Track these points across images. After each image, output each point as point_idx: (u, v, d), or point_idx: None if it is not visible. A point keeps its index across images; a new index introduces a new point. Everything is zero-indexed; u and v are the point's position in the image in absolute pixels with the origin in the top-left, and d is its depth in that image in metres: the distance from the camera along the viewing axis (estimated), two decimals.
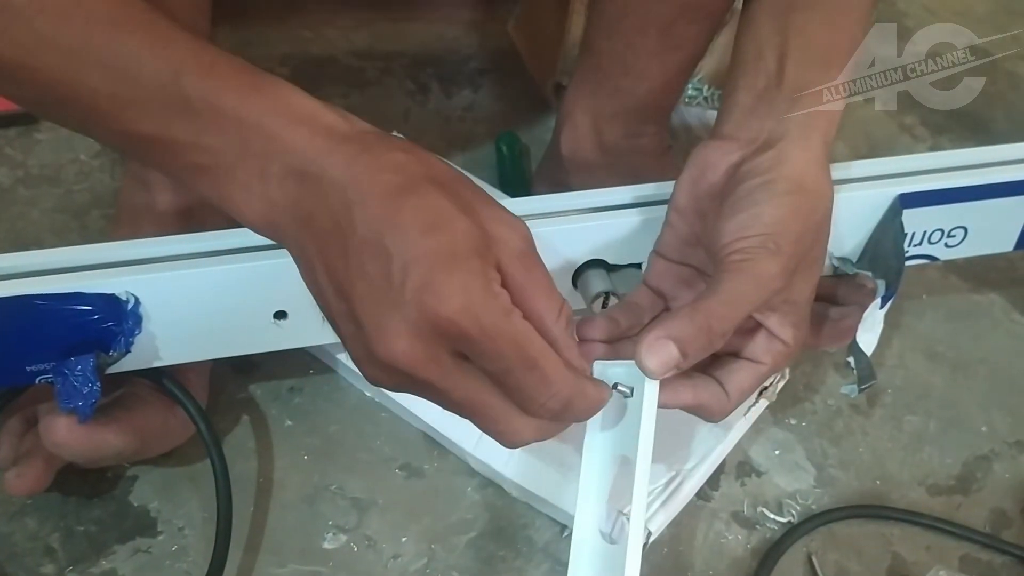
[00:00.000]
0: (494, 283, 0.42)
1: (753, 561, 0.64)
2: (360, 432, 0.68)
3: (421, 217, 0.41)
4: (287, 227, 0.43)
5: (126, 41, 0.42)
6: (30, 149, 0.86)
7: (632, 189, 0.62)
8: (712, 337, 0.48)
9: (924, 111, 1.01)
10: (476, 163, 0.88)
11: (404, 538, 0.63)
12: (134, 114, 0.42)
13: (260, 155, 0.42)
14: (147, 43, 0.42)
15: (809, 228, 0.51)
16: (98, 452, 0.56)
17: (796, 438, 0.72)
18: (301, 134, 0.42)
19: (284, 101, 0.43)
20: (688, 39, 0.67)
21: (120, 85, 0.42)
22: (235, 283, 0.55)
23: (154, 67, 0.42)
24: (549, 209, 0.60)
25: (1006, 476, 0.71)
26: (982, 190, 0.63)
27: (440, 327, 0.40)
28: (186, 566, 0.61)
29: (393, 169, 0.42)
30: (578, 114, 0.74)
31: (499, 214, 0.44)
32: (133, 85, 0.42)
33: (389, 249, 0.40)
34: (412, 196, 0.41)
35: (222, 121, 0.42)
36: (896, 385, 0.76)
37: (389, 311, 0.40)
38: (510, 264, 0.43)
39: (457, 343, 0.41)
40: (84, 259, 0.54)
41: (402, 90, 0.97)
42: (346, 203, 0.41)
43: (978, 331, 0.81)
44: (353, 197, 0.41)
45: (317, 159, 0.42)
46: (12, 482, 0.57)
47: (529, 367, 0.42)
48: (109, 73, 0.41)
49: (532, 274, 0.43)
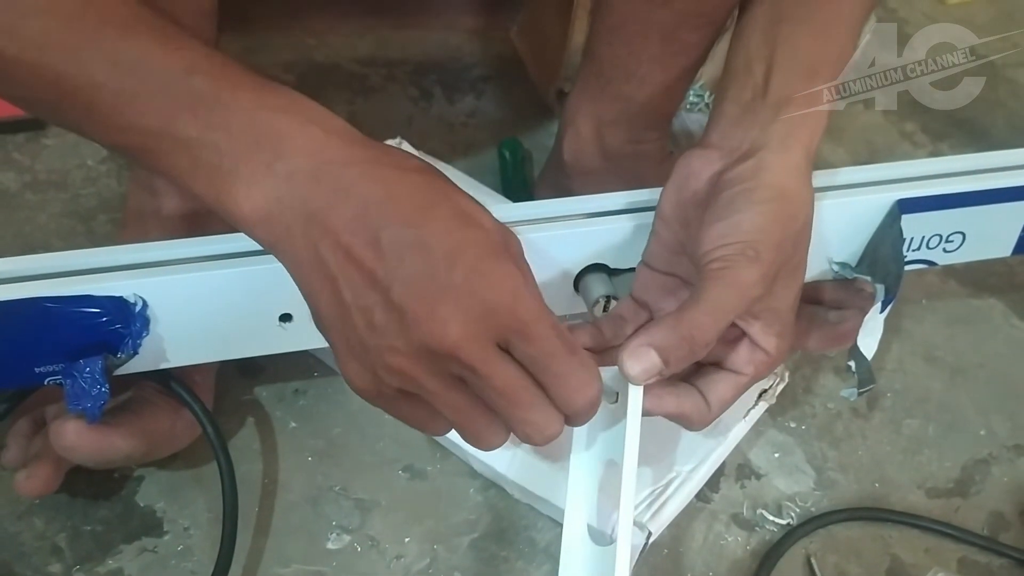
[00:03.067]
0: (528, 274, 0.44)
1: (753, 563, 0.65)
2: (364, 434, 0.69)
3: (454, 213, 0.43)
4: (293, 224, 0.43)
5: (136, 41, 0.42)
6: (37, 154, 0.87)
7: (633, 194, 0.62)
8: (694, 346, 0.49)
9: (924, 118, 1.02)
10: (479, 169, 0.88)
11: (407, 539, 0.64)
12: (139, 109, 0.42)
13: (269, 151, 0.42)
14: (158, 43, 0.43)
15: (789, 235, 0.51)
16: (107, 455, 0.57)
17: (796, 441, 0.72)
18: (315, 134, 0.43)
19: (296, 102, 0.44)
20: (690, 45, 0.67)
21: (127, 80, 0.42)
22: (241, 286, 0.55)
23: (164, 64, 0.42)
24: (551, 214, 0.61)
25: (1004, 479, 0.72)
26: (980, 196, 0.64)
27: (493, 311, 0.42)
28: (191, 565, 0.61)
29: (417, 170, 0.44)
30: (580, 120, 0.74)
31: (499, 222, 0.46)
32: (140, 80, 0.42)
33: (428, 241, 0.42)
34: (441, 195, 0.43)
35: (232, 117, 0.42)
36: (895, 389, 0.76)
37: (439, 297, 0.41)
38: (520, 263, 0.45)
39: (505, 329, 0.43)
40: (93, 262, 0.55)
41: (405, 96, 0.98)
42: (372, 201, 0.42)
43: (977, 336, 0.82)
44: (380, 194, 0.42)
45: (335, 158, 0.43)
46: (22, 484, 0.58)
47: (572, 351, 0.44)
48: (117, 69, 0.42)
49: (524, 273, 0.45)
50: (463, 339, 0.42)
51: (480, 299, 0.42)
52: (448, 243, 0.42)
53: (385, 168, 0.43)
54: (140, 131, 0.43)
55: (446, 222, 0.42)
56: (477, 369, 0.43)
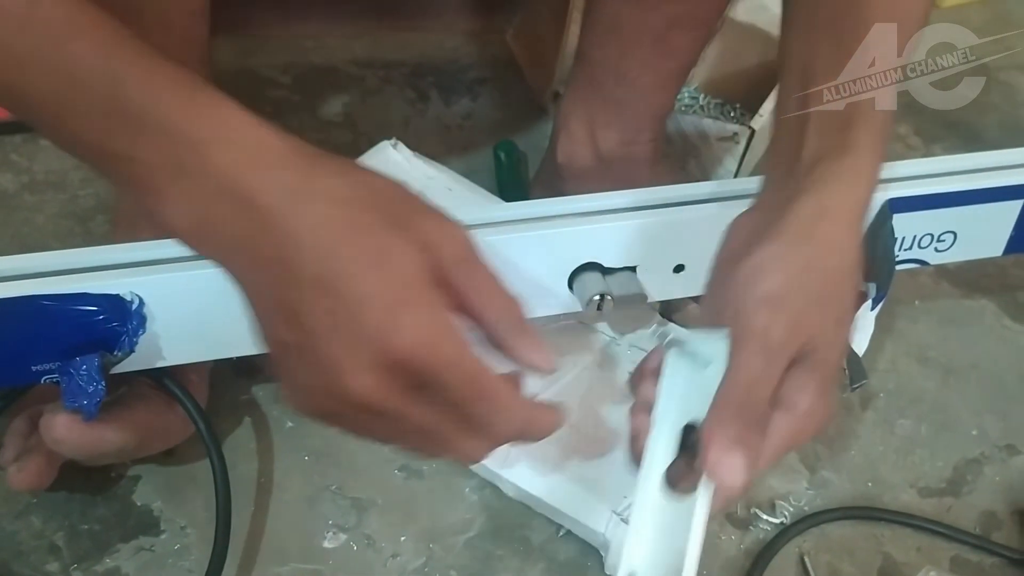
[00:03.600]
0: (446, 313, 0.42)
1: (746, 561, 0.65)
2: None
3: (364, 255, 0.41)
4: (221, 247, 0.42)
5: (73, 48, 0.41)
6: (35, 155, 0.87)
7: (627, 194, 0.63)
8: (751, 415, 0.46)
9: (917, 120, 1.02)
10: (475, 171, 0.88)
11: (403, 537, 0.64)
12: (79, 123, 0.41)
13: (192, 174, 0.41)
14: (92, 49, 0.41)
15: (816, 280, 0.47)
16: (97, 448, 0.57)
17: None
18: (239, 157, 0.41)
19: (220, 118, 0.42)
20: (681, 48, 0.67)
21: (67, 92, 0.41)
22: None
23: (97, 75, 0.41)
24: (546, 213, 0.61)
25: (996, 479, 0.72)
26: (970, 195, 0.64)
27: (401, 361, 0.40)
28: (188, 564, 0.62)
29: (328, 200, 0.41)
30: (573, 123, 0.75)
31: (438, 223, 0.44)
32: (78, 93, 0.41)
33: (339, 289, 0.40)
34: (351, 232, 0.41)
35: (155, 135, 0.41)
36: (888, 389, 0.77)
37: (350, 347, 0.40)
38: (452, 271, 0.43)
39: (417, 376, 0.41)
40: (90, 261, 0.55)
41: (402, 98, 0.98)
42: (287, 236, 0.40)
43: (970, 336, 0.82)
44: (292, 230, 0.40)
45: (258, 185, 0.41)
46: (13, 476, 0.58)
47: (483, 398, 0.43)
48: (56, 79, 0.41)
49: (475, 278, 0.44)
50: (373, 390, 0.41)
51: (389, 351, 0.40)
52: (359, 291, 0.40)
53: (306, 203, 0.41)
54: (84, 146, 0.42)
55: (360, 264, 0.41)
56: (389, 414, 0.42)
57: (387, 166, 0.76)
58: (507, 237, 0.60)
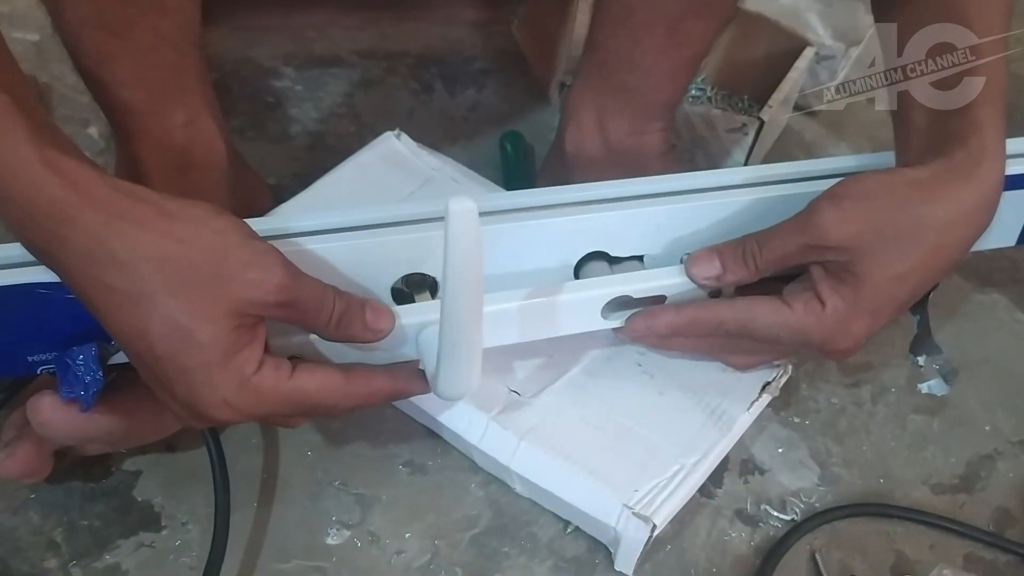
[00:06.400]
0: (252, 363, 0.48)
1: (756, 559, 0.64)
2: (364, 429, 0.68)
3: (162, 340, 0.45)
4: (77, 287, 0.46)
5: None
6: None
7: (634, 182, 0.62)
8: (749, 260, 0.55)
9: None
10: (480, 162, 0.88)
11: (408, 534, 0.63)
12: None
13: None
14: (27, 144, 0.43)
15: (901, 213, 0.52)
16: (84, 432, 0.56)
17: (800, 436, 0.71)
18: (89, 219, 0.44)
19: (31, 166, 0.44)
20: (695, 36, 0.67)
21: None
22: None
23: (22, 171, 0.43)
24: (551, 202, 0.61)
25: (1010, 475, 0.71)
26: None
27: (241, 406, 0.48)
28: (189, 560, 0.61)
29: (119, 274, 0.44)
30: (582, 111, 0.74)
31: (251, 258, 0.46)
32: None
33: (148, 363, 0.47)
34: (145, 315, 0.45)
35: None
36: (900, 384, 0.76)
37: (198, 393, 0.47)
38: (268, 309, 0.47)
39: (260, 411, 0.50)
40: None
41: (406, 89, 0.98)
42: (93, 305, 0.46)
43: (982, 331, 0.81)
44: (99, 307, 0.46)
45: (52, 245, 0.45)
46: (1, 463, 0.56)
47: (311, 410, 0.52)
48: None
49: (294, 306, 0.48)
50: (233, 416, 0.48)
51: (199, 411, 0.48)
52: (169, 370, 0.46)
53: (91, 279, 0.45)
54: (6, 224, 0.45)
55: (159, 353, 0.46)
56: (264, 419, 0.51)
57: (391, 157, 0.76)
58: (512, 226, 0.59)
